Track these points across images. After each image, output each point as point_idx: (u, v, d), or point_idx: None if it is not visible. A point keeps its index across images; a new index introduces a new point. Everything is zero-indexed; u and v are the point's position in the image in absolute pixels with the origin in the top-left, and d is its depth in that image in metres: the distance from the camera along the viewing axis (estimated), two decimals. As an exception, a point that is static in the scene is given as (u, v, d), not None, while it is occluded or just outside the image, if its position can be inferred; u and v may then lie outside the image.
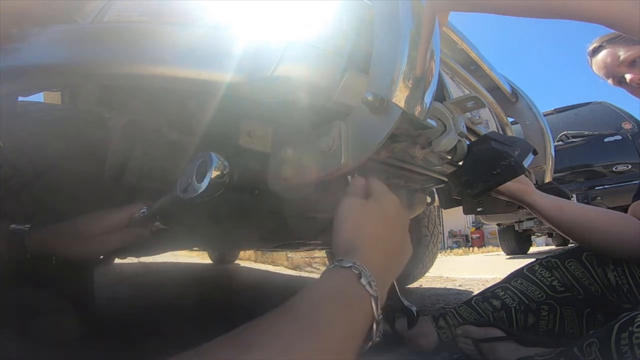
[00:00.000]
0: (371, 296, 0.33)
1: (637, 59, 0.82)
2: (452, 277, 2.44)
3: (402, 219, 0.44)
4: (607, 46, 0.87)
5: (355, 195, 0.43)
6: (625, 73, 0.85)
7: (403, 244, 0.43)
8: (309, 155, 0.51)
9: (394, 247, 0.41)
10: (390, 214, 0.42)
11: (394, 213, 0.42)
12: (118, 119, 0.74)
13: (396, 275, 0.42)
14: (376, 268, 0.35)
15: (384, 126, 0.45)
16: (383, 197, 0.43)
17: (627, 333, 0.45)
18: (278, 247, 1.62)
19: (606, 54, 0.87)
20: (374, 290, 0.34)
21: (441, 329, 0.88)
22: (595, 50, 0.90)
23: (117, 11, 0.49)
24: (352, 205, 0.41)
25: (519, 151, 0.70)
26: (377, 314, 0.34)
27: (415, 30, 0.45)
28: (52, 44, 0.49)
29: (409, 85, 0.44)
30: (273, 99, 0.49)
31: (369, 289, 0.33)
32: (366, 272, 0.34)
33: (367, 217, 0.40)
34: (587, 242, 0.81)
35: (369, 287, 0.33)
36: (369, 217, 0.40)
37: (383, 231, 0.40)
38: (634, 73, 0.84)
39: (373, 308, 0.33)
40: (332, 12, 0.51)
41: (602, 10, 0.37)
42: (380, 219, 0.41)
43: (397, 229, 0.42)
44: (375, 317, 0.34)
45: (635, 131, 3.25)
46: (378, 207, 0.42)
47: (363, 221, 0.40)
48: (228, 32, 0.47)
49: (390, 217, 0.42)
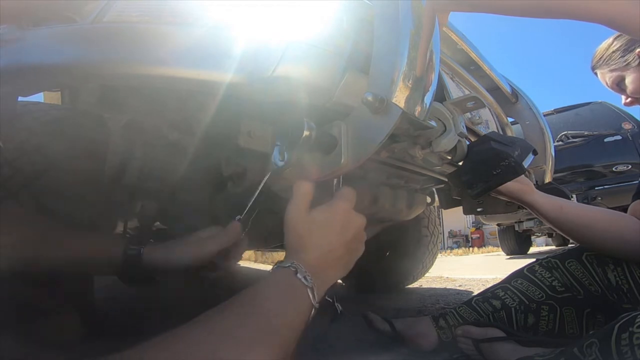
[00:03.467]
0: (307, 287, 0.40)
1: (619, 83, 0.84)
2: (452, 277, 2.44)
3: (352, 225, 0.47)
4: (597, 71, 0.89)
5: (296, 205, 0.46)
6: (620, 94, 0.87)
7: (353, 245, 0.48)
8: (309, 155, 0.51)
9: (337, 251, 0.45)
10: (337, 224, 0.46)
11: (342, 222, 0.46)
12: (118, 119, 0.74)
13: (340, 272, 0.47)
14: (313, 267, 0.42)
15: (384, 126, 0.45)
16: (333, 207, 0.47)
17: (627, 333, 0.45)
18: (278, 247, 1.63)
19: (600, 77, 0.89)
20: (309, 282, 0.40)
21: (441, 329, 0.88)
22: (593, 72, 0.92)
23: (117, 11, 0.49)
24: (292, 216, 0.46)
25: (519, 151, 0.70)
26: (314, 301, 0.41)
27: (415, 30, 0.45)
28: (52, 44, 0.49)
29: (409, 85, 0.44)
30: (273, 99, 0.49)
31: (304, 281, 0.40)
32: (302, 268, 0.41)
33: (307, 228, 0.45)
34: (587, 242, 0.81)
35: (304, 280, 0.40)
36: (310, 228, 0.45)
37: (325, 238, 0.45)
38: (624, 95, 0.85)
39: (310, 297, 0.40)
40: (332, 12, 0.51)
41: (602, 10, 0.37)
42: (324, 228, 0.45)
43: (345, 235, 0.46)
44: (313, 304, 0.41)
45: (635, 131, 3.25)
46: (323, 217, 0.45)
47: (304, 231, 0.45)
48: (228, 32, 0.47)
49: (337, 227, 0.46)
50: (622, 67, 0.82)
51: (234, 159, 0.70)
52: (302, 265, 0.42)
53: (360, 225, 0.48)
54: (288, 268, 0.41)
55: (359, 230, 0.48)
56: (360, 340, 0.96)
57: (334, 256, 0.45)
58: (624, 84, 0.83)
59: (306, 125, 0.48)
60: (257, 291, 0.39)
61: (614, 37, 0.86)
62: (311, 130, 0.48)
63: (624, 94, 0.86)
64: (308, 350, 0.86)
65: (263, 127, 0.61)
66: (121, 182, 0.79)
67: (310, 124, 0.48)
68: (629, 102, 0.86)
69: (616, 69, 0.83)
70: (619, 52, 0.83)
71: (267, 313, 0.36)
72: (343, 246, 0.46)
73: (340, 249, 0.46)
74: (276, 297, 0.39)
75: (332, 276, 0.46)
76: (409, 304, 1.48)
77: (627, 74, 0.82)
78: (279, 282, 0.41)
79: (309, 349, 0.86)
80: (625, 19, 0.37)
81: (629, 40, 0.82)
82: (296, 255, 0.43)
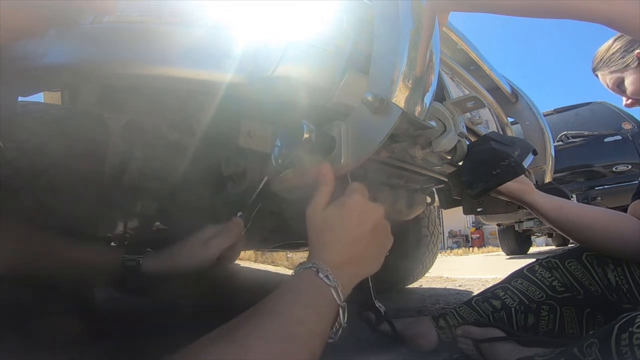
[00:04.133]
0: (330, 286, 0.39)
1: (619, 85, 0.84)
2: (452, 277, 2.44)
3: (370, 215, 0.46)
4: (597, 72, 0.89)
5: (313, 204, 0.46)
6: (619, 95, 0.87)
7: (373, 237, 0.46)
8: (309, 155, 0.51)
9: (358, 244, 0.44)
10: (353, 216, 0.45)
11: (358, 213, 0.45)
12: (118, 119, 0.74)
13: (367, 268, 0.46)
14: (335, 264, 0.41)
15: (384, 126, 0.45)
16: (346, 200, 0.45)
17: (627, 333, 0.45)
18: (278, 247, 1.63)
19: (601, 79, 0.89)
20: (331, 281, 0.39)
21: (441, 329, 0.88)
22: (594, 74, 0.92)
23: (117, 11, 0.49)
24: (309, 216, 0.46)
25: (519, 151, 0.70)
26: (340, 301, 0.39)
27: (415, 30, 0.45)
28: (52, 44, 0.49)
29: (409, 85, 0.44)
30: (273, 99, 0.49)
31: (326, 281, 0.39)
32: (323, 267, 0.40)
33: (325, 225, 0.44)
34: (587, 242, 0.81)
35: (326, 279, 0.39)
36: (327, 224, 0.44)
37: (343, 233, 0.44)
38: (625, 96, 0.85)
39: (334, 296, 0.39)
40: (332, 12, 0.51)
41: (602, 10, 0.37)
42: (341, 222, 0.44)
43: (364, 226, 0.45)
44: (339, 303, 0.39)
45: (635, 131, 3.25)
46: (338, 212, 0.45)
47: (321, 229, 0.44)
48: (228, 32, 0.47)
49: (354, 218, 0.44)
50: (622, 68, 0.82)
51: (234, 159, 0.70)
52: (324, 264, 0.40)
53: (379, 215, 0.47)
54: (309, 269, 0.40)
55: (378, 220, 0.46)
56: (360, 340, 0.96)
57: (356, 250, 0.44)
58: (624, 85, 0.83)
59: (306, 127, 0.48)
60: (280, 297, 0.38)
61: (614, 38, 0.86)
62: (311, 132, 0.48)
63: (625, 96, 0.86)
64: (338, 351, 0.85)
65: (263, 127, 0.61)
66: (121, 182, 0.79)
67: (309, 126, 0.48)
68: (630, 103, 0.86)
69: (616, 70, 0.83)
70: (619, 53, 0.83)
71: (291, 321, 0.35)
72: (364, 238, 0.44)
73: (362, 242, 0.44)
74: (300, 303, 0.37)
75: (359, 272, 0.45)
76: (409, 304, 1.48)
77: (626, 75, 0.82)
78: (301, 285, 0.39)
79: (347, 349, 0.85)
80: (625, 18, 0.37)
81: (629, 42, 0.82)
82: (318, 255, 0.42)
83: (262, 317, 0.35)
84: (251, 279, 2.59)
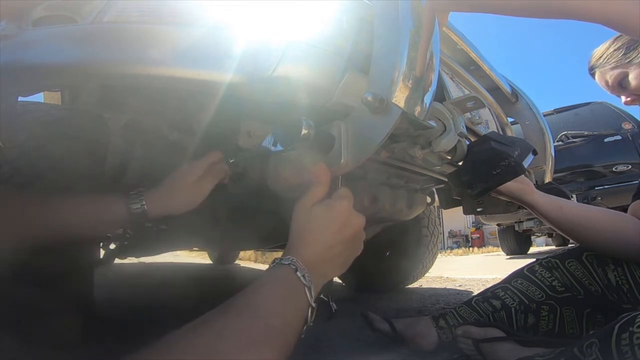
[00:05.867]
0: (305, 286, 0.41)
1: (622, 81, 0.84)
2: (452, 277, 2.43)
3: (353, 223, 0.48)
4: (596, 70, 0.89)
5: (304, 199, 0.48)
6: (619, 94, 0.86)
7: (349, 244, 0.48)
8: (308, 155, 0.51)
9: (335, 248, 0.46)
10: (339, 220, 0.46)
11: (343, 219, 0.47)
12: (118, 119, 0.74)
13: (336, 270, 0.48)
14: (310, 263, 0.43)
15: (383, 126, 0.45)
16: (335, 204, 0.47)
17: (627, 333, 0.45)
18: (278, 247, 1.63)
19: (599, 78, 0.89)
20: (307, 281, 0.41)
21: (441, 329, 0.88)
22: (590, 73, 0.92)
23: (117, 11, 0.49)
24: (296, 208, 0.47)
25: (518, 151, 0.70)
26: (311, 301, 0.41)
27: (415, 30, 0.45)
28: (52, 44, 0.49)
29: (408, 85, 0.44)
30: (273, 99, 0.49)
31: (302, 280, 0.41)
32: (300, 266, 0.42)
33: (309, 223, 0.46)
34: (587, 242, 0.81)
35: (302, 279, 0.41)
36: (312, 223, 0.46)
37: (325, 234, 0.45)
38: (625, 95, 0.85)
39: (307, 296, 0.41)
40: (332, 12, 0.51)
41: (601, 10, 0.37)
42: (325, 224, 0.46)
43: (345, 232, 0.47)
44: (310, 303, 0.41)
45: (635, 131, 3.25)
46: (324, 214, 0.46)
47: (305, 226, 0.46)
48: (228, 32, 0.47)
49: (339, 223, 0.46)
50: (625, 63, 0.82)
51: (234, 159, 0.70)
52: (300, 262, 0.42)
53: (360, 225, 0.49)
54: (288, 266, 0.42)
55: (358, 229, 0.49)
56: (360, 340, 0.96)
57: (331, 253, 0.46)
58: (627, 80, 0.83)
59: (304, 123, 0.48)
60: (256, 291, 0.39)
61: (613, 38, 0.86)
62: (309, 128, 0.48)
63: (625, 93, 0.86)
64: (308, 350, 0.86)
65: (263, 127, 0.61)
66: (121, 182, 0.79)
67: (308, 122, 0.49)
68: (630, 100, 0.86)
69: (618, 66, 0.83)
70: (622, 49, 0.83)
71: (266, 314, 0.37)
72: (341, 244, 0.47)
73: (339, 247, 0.46)
74: (275, 297, 0.39)
75: (328, 273, 0.47)
76: (409, 304, 1.48)
77: (630, 70, 0.82)
78: (277, 280, 0.41)
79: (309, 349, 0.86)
80: (625, 19, 0.37)
81: (631, 39, 0.82)
82: (295, 250, 0.44)
83: (238, 310, 0.36)
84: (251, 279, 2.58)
